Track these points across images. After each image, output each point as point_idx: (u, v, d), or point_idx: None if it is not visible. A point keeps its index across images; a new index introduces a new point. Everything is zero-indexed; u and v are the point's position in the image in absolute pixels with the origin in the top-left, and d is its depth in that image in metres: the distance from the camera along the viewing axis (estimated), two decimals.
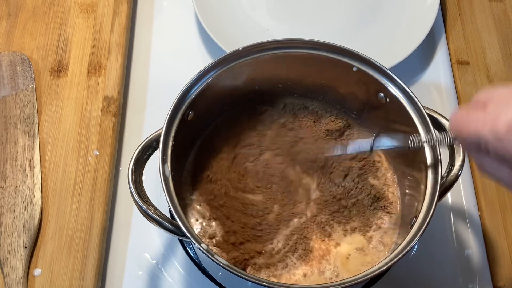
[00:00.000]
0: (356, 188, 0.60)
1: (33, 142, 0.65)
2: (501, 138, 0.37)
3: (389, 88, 0.56)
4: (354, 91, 0.60)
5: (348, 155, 0.62)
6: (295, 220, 0.58)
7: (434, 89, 0.74)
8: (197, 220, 0.57)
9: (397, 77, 0.55)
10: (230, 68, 0.57)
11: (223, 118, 0.63)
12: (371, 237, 0.57)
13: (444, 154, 0.52)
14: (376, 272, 0.47)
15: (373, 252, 0.56)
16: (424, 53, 0.76)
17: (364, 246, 0.57)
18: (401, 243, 0.48)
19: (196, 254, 0.61)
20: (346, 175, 0.61)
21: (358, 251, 0.57)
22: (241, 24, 0.76)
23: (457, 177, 0.52)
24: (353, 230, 0.58)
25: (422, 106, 0.54)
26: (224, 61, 0.56)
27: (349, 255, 0.56)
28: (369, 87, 0.58)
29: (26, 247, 0.58)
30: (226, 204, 0.59)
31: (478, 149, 0.40)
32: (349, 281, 0.46)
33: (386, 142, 0.54)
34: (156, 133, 0.53)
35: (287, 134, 0.63)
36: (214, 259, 0.46)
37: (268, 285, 0.45)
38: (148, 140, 0.52)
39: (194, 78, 0.55)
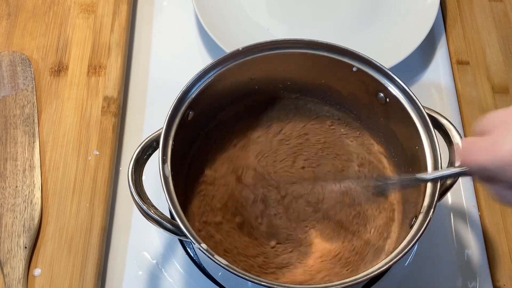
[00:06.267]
0: (355, 188, 0.60)
1: (33, 142, 0.65)
2: (506, 166, 0.37)
3: (389, 88, 0.56)
4: (354, 91, 0.60)
5: (350, 153, 0.62)
6: (295, 220, 0.58)
7: (434, 89, 0.74)
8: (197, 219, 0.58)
9: (397, 77, 0.55)
10: (230, 68, 0.57)
11: (223, 118, 0.63)
12: (371, 237, 0.57)
13: (444, 154, 0.52)
14: (376, 272, 0.47)
15: (373, 252, 0.56)
16: (424, 53, 0.76)
17: (364, 246, 0.57)
18: (401, 243, 0.48)
19: (196, 254, 0.61)
20: (347, 175, 0.61)
21: (357, 251, 0.57)
22: (241, 24, 0.76)
23: None
24: (352, 230, 0.58)
25: (422, 106, 0.54)
26: (224, 61, 0.56)
27: (349, 255, 0.56)
28: (369, 87, 0.58)
29: (26, 247, 0.58)
30: (225, 204, 0.59)
31: (487, 179, 0.40)
32: (349, 281, 0.46)
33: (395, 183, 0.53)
34: (156, 133, 0.53)
35: (287, 135, 0.63)
36: (214, 259, 0.46)
37: (268, 285, 0.45)
38: (148, 140, 0.52)
39: (194, 78, 0.55)
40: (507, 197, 0.40)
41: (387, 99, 0.57)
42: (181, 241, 0.62)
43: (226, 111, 0.63)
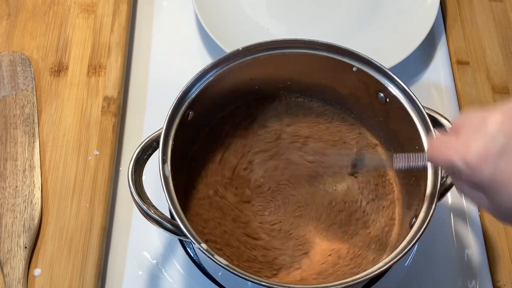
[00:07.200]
0: (355, 188, 0.60)
1: (33, 142, 0.65)
2: (472, 167, 0.38)
3: (389, 88, 0.56)
4: (354, 91, 0.60)
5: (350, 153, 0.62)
6: (295, 221, 0.58)
7: (434, 89, 0.74)
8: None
9: (397, 77, 0.55)
10: (230, 68, 0.57)
11: (223, 118, 0.63)
12: (370, 236, 0.57)
13: None
14: (376, 272, 0.47)
15: (373, 252, 0.56)
16: (424, 53, 0.76)
17: (363, 246, 0.57)
18: (401, 243, 0.48)
19: (196, 254, 0.61)
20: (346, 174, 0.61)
21: (357, 251, 0.57)
22: (241, 24, 0.76)
23: None
24: (352, 230, 0.58)
25: (422, 106, 0.54)
26: (224, 61, 0.56)
27: (348, 255, 0.56)
28: (369, 87, 0.58)
29: (26, 247, 0.58)
30: (226, 202, 0.59)
31: (453, 174, 0.42)
32: (349, 281, 0.46)
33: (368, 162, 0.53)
34: (156, 133, 0.53)
35: (287, 134, 0.63)
36: (214, 259, 0.46)
37: (268, 285, 0.45)
38: (148, 140, 0.52)
39: (194, 78, 0.55)
40: (468, 193, 0.42)
41: (387, 99, 0.57)
42: (181, 241, 0.62)
43: (226, 111, 0.63)
